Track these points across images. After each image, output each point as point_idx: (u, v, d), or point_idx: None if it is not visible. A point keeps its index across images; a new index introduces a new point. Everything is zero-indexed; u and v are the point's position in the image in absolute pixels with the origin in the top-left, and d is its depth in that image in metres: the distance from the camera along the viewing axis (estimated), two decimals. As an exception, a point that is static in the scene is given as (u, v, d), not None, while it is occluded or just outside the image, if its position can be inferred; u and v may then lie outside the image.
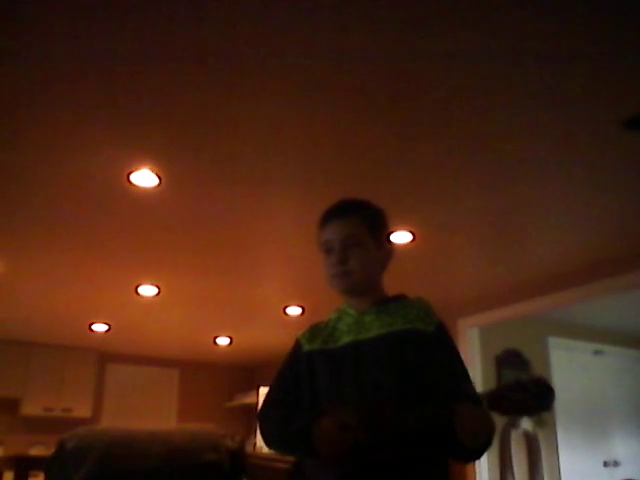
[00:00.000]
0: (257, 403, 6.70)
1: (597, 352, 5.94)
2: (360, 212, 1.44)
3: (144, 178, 2.79)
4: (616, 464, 5.63)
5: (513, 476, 4.78)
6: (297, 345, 1.48)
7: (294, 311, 5.16)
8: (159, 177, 2.79)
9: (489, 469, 4.66)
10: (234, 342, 6.48)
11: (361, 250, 1.39)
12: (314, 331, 1.47)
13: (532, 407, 1.15)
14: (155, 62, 2.00)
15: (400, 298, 1.44)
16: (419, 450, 1.22)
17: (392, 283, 1.51)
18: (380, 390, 1.28)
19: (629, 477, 5.23)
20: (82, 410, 6.58)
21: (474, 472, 4.56)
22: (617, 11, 1.76)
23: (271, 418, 1.40)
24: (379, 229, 1.45)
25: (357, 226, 1.40)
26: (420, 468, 1.24)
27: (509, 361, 5.17)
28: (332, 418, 1.18)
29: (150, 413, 7.05)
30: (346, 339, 1.39)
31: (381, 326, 1.36)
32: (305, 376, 1.40)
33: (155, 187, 2.89)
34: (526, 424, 4.99)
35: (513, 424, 4.77)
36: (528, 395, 1.15)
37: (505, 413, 1.19)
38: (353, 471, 1.21)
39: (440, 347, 1.35)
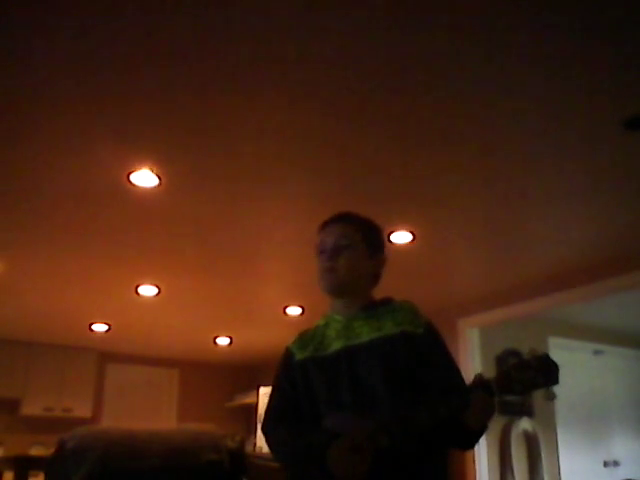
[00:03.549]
0: (257, 403, 6.70)
1: (597, 352, 5.94)
2: (358, 221, 1.48)
3: (144, 178, 2.79)
4: (616, 464, 5.63)
5: (513, 476, 4.78)
6: (288, 354, 1.48)
7: (294, 311, 5.16)
8: (159, 177, 2.79)
9: (489, 469, 4.65)
10: (234, 342, 6.48)
11: (352, 252, 1.41)
12: (303, 339, 1.48)
13: (540, 383, 1.18)
14: (155, 63, 2.00)
15: (386, 302, 1.46)
16: (432, 444, 1.25)
17: (393, 283, 1.52)
18: (377, 394, 1.29)
19: (629, 477, 5.23)
20: (82, 410, 6.57)
21: (474, 472, 4.55)
22: (616, 11, 1.76)
23: (277, 434, 1.40)
24: (373, 241, 1.48)
25: (352, 231, 1.43)
26: (424, 466, 1.27)
27: (509, 361, 5.16)
28: (344, 441, 1.17)
29: (150, 413, 7.04)
30: (337, 345, 1.39)
31: (371, 331, 1.37)
32: (301, 384, 1.40)
33: (155, 187, 2.89)
34: (526, 424, 4.99)
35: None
36: (534, 372, 1.17)
37: (515, 393, 1.21)
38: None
39: (431, 347, 1.37)
